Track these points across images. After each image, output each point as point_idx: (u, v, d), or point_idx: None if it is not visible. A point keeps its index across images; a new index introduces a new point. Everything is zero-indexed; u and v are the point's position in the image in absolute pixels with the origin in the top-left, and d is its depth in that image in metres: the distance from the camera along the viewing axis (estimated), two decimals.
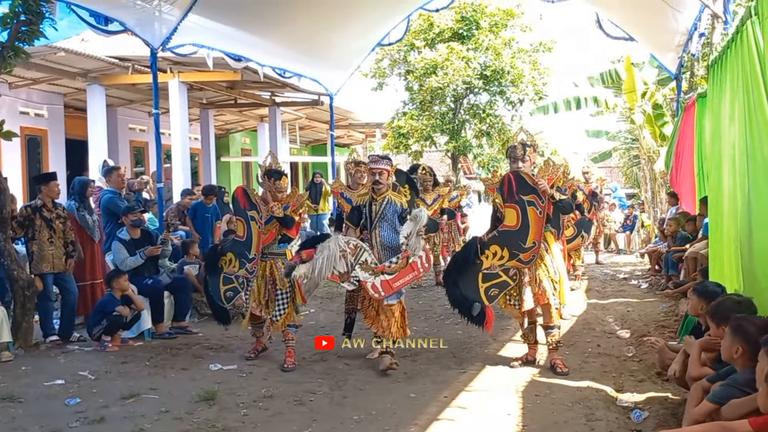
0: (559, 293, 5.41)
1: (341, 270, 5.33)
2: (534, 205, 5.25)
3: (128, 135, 15.44)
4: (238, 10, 9.45)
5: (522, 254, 5.30)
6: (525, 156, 5.40)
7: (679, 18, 9.75)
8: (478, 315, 5.40)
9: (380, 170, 5.61)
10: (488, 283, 5.38)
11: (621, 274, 11.52)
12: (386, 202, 5.63)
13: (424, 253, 5.42)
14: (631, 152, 20.63)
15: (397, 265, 5.40)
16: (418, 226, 5.29)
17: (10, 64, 6.61)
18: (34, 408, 4.74)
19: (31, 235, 6.76)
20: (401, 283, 5.40)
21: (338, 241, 5.34)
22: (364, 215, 5.71)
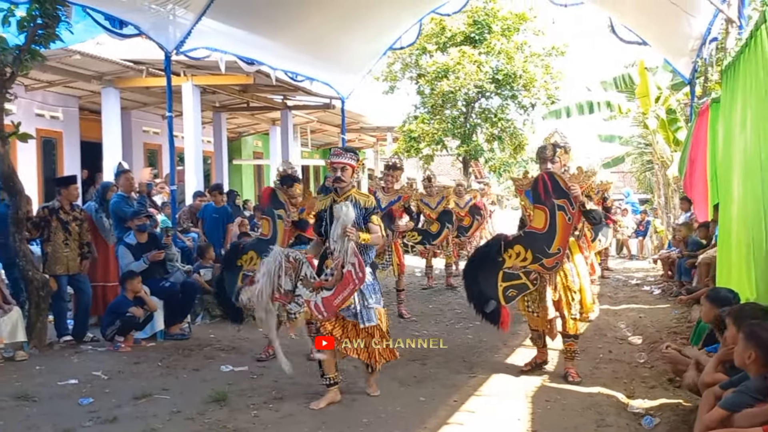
0: (580, 303, 5.28)
1: (287, 288, 4.62)
2: (564, 211, 5.10)
3: (142, 137, 15.55)
4: (251, 13, 9.51)
5: (545, 259, 5.17)
6: (555, 157, 5.24)
7: (693, 22, 9.71)
8: (492, 313, 5.27)
9: (343, 165, 4.77)
10: (507, 283, 5.25)
11: (633, 279, 11.48)
12: (349, 203, 4.77)
13: (356, 260, 4.54)
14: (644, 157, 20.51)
15: (333, 278, 4.60)
16: (340, 224, 4.55)
17: (26, 66, 6.69)
18: (47, 407, 4.79)
19: (46, 236, 6.84)
20: (341, 299, 4.57)
21: (277, 255, 4.67)
22: (324, 222, 4.84)
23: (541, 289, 5.31)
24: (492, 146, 19.71)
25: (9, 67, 6.41)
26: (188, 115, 12.70)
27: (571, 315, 5.29)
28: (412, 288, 10.39)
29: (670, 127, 13.90)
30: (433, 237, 9.98)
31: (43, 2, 6.46)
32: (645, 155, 20.10)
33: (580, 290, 5.28)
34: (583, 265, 5.39)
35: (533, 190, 5.27)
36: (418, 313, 8.32)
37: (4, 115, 6.58)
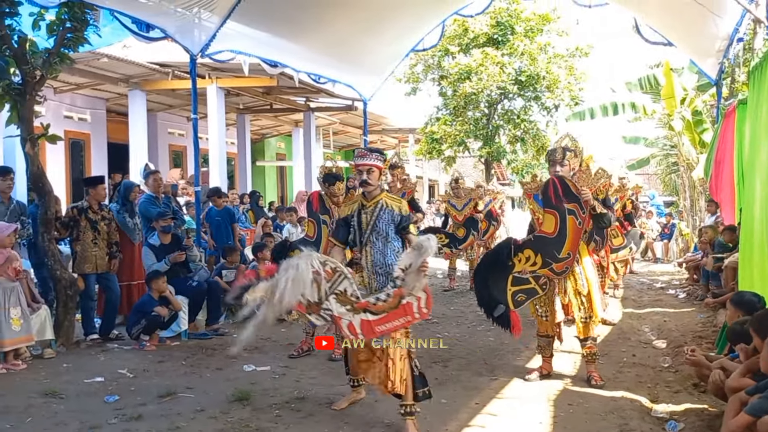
0: (589, 307, 5.26)
1: (310, 299, 3.92)
2: (574, 215, 5.08)
3: (167, 139, 15.76)
4: (275, 16, 9.59)
5: (555, 264, 5.15)
6: (564, 160, 5.21)
7: (719, 23, 9.58)
8: (501, 317, 5.20)
9: (369, 167, 4.36)
10: (517, 288, 5.22)
11: (658, 283, 11.35)
12: (379, 208, 4.38)
13: (424, 294, 4.07)
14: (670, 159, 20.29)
15: (386, 303, 4.05)
16: (422, 259, 3.99)
17: (55, 69, 6.83)
18: (74, 404, 4.88)
19: (75, 235, 6.97)
20: (387, 328, 4.06)
21: (311, 260, 3.90)
22: (352, 229, 4.45)
23: (550, 293, 5.29)
24: (515, 148, 19.64)
25: (39, 70, 6.55)
26: (213, 117, 12.84)
27: (581, 318, 5.27)
28: (434, 290, 10.38)
29: (695, 128, 13.74)
30: (460, 242, 10.04)
31: (72, 6, 6.59)
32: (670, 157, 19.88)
33: (589, 295, 5.25)
34: (591, 269, 5.36)
35: (543, 194, 5.26)
36: (439, 315, 8.32)
37: (34, 117, 6.72)
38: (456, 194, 10.37)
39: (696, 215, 14.43)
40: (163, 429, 4.33)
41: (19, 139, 6.65)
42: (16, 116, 6.55)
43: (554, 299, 5.28)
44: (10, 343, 5.84)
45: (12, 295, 5.98)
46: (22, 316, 5.99)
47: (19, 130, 6.61)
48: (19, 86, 6.47)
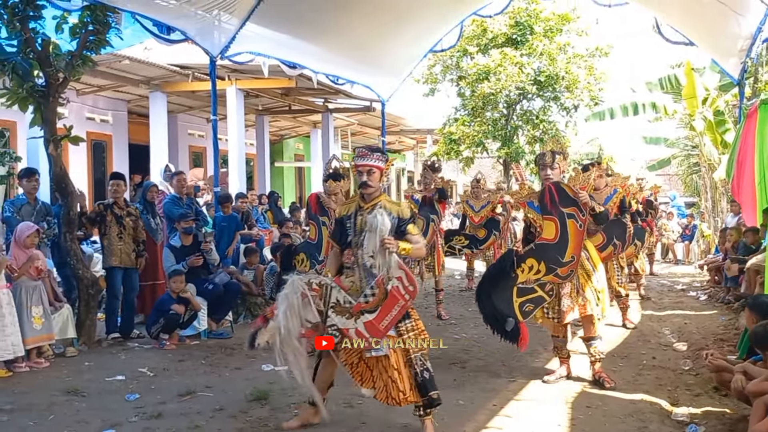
0: (600, 304, 5.27)
1: (312, 320, 3.98)
2: (574, 218, 5.08)
3: (187, 140, 15.89)
4: (293, 18, 9.65)
5: (559, 269, 5.12)
6: (554, 164, 5.23)
7: (742, 22, 9.47)
8: (512, 331, 5.14)
9: (369, 167, 4.14)
10: (523, 298, 5.17)
11: (679, 285, 11.25)
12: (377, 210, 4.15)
13: (402, 272, 3.95)
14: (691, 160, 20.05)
15: (375, 297, 3.98)
16: (376, 237, 3.96)
17: (78, 72, 6.93)
18: (96, 402, 4.94)
19: (102, 230, 7.10)
20: (389, 321, 3.97)
21: (295, 285, 3.94)
22: (348, 230, 4.25)
23: (558, 296, 5.26)
24: (534, 148, 19.49)
25: (62, 72, 6.64)
26: (232, 118, 12.93)
27: (597, 315, 5.27)
28: (451, 290, 10.38)
29: (717, 128, 13.58)
30: (480, 242, 9.97)
31: (95, 9, 6.69)
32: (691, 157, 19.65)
33: (602, 291, 5.27)
34: (602, 270, 5.38)
35: (540, 201, 5.26)
36: (457, 316, 8.31)
37: (57, 119, 6.82)
38: (475, 195, 10.33)
39: (717, 216, 14.26)
40: (183, 427, 4.38)
41: (43, 140, 6.76)
42: (39, 118, 6.66)
43: (562, 300, 5.24)
44: (32, 342, 5.94)
45: (34, 294, 6.07)
46: (43, 314, 6.08)
47: (43, 131, 6.72)
48: (43, 88, 6.57)
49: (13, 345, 5.71)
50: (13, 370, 5.75)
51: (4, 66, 6.36)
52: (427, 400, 4.12)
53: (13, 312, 5.78)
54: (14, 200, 7.00)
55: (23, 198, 6.91)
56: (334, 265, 4.37)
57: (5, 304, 5.71)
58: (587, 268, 5.27)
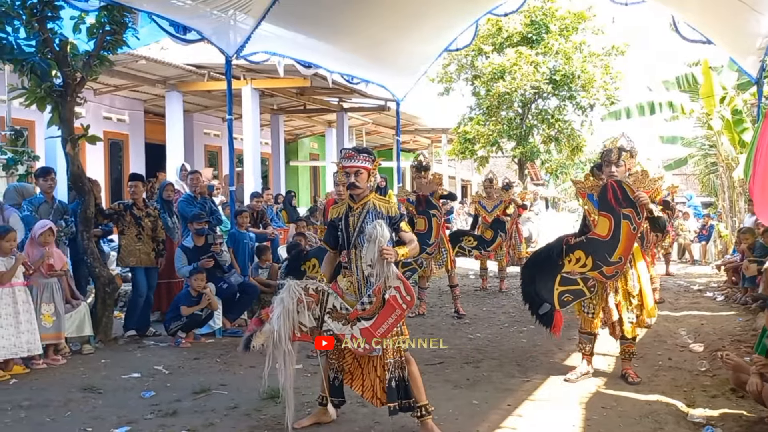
0: (640, 307, 5.22)
1: (308, 325, 4.06)
2: (629, 220, 5.04)
3: (203, 139, 16.00)
4: (309, 18, 9.66)
5: (605, 267, 5.11)
6: (620, 161, 5.16)
7: (761, 20, 9.35)
8: (545, 315, 5.22)
9: (356, 168, 4.14)
10: (564, 288, 5.21)
11: (695, 285, 11.14)
12: (366, 210, 4.17)
13: (400, 282, 3.97)
14: (708, 159, 19.85)
15: (372, 305, 4.00)
16: (376, 247, 3.93)
17: (95, 71, 7.00)
18: (112, 399, 4.99)
19: (120, 230, 7.16)
20: (386, 328, 3.98)
21: (291, 290, 4.03)
22: (340, 232, 4.24)
23: (601, 293, 5.25)
24: (549, 148, 19.42)
25: (79, 72, 6.72)
26: (247, 117, 12.99)
27: (628, 318, 5.24)
28: (466, 290, 10.35)
29: (735, 128, 13.42)
30: (488, 243, 9.95)
31: (112, 10, 6.75)
32: (709, 157, 19.46)
33: (641, 294, 5.21)
34: (645, 272, 5.31)
35: (601, 196, 5.19)
36: (471, 316, 8.29)
37: (75, 118, 6.89)
38: (488, 195, 10.31)
39: (735, 216, 14.11)
40: (198, 425, 4.41)
41: (60, 139, 6.84)
42: (57, 117, 6.73)
43: (607, 298, 5.23)
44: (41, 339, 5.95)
45: (45, 292, 6.13)
46: (54, 313, 6.13)
47: (60, 130, 6.79)
48: (61, 88, 6.65)
49: (30, 342, 5.78)
50: (31, 367, 5.83)
51: (23, 66, 6.44)
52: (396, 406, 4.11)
53: (31, 309, 5.86)
54: (32, 199, 7.08)
55: (41, 197, 6.99)
56: (328, 269, 4.38)
57: (22, 302, 5.78)
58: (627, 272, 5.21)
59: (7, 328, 5.66)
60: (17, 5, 6.34)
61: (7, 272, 5.72)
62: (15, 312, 5.71)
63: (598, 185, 5.31)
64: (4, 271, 5.73)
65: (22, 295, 5.83)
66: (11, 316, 5.69)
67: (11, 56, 6.45)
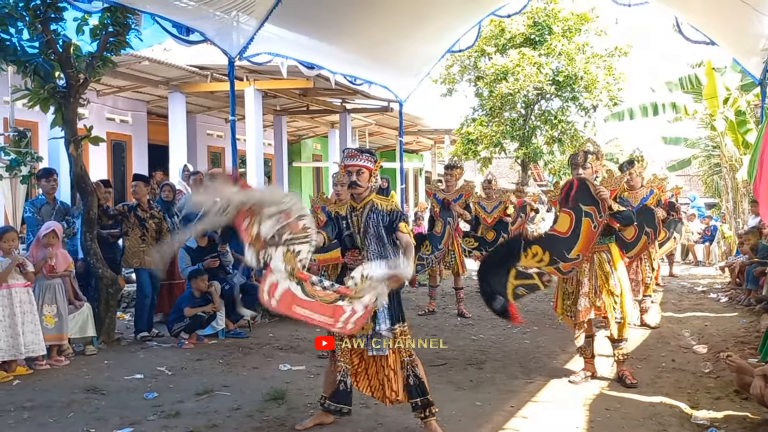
0: (620, 306, 5.26)
1: (260, 227, 3.65)
2: (590, 217, 5.07)
3: (206, 140, 15.99)
4: (312, 19, 9.66)
5: (562, 263, 5.12)
6: (586, 163, 5.28)
7: (764, 21, 9.33)
8: (501, 309, 5.18)
9: (358, 168, 4.19)
10: (519, 282, 5.18)
11: (699, 287, 11.11)
12: (368, 209, 4.22)
13: (362, 311, 3.81)
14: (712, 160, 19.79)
15: (323, 292, 3.80)
16: (388, 275, 3.80)
17: (98, 73, 7.01)
18: (115, 400, 4.99)
19: (125, 231, 7.17)
20: (303, 314, 3.73)
21: (292, 202, 3.76)
22: (342, 230, 4.28)
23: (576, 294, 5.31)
24: (552, 149, 19.38)
25: (82, 73, 6.73)
26: (250, 118, 12.98)
27: (614, 319, 5.28)
28: (468, 291, 10.34)
29: (739, 129, 13.39)
30: (490, 244, 9.90)
31: (115, 11, 6.77)
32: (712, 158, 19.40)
33: (621, 295, 5.26)
34: (624, 273, 5.38)
35: (562, 193, 5.28)
36: (474, 317, 8.29)
37: (78, 119, 6.90)
38: (487, 195, 10.31)
39: (739, 217, 14.07)
40: (201, 426, 4.40)
41: (63, 140, 6.84)
42: (60, 118, 6.74)
43: (579, 299, 5.29)
44: None
45: (47, 293, 6.12)
46: (56, 314, 6.12)
47: (64, 131, 6.80)
48: (64, 89, 6.65)
49: (34, 343, 5.77)
50: (34, 368, 5.84)
51: (26, 67, 6.45)
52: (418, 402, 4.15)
53: (33, 310, 5.85)
54: (34, 200, 7.10)
55: (43, 198, 7.00)
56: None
57: (21, 303, 5.75)
58: (606, 270, 5.28)
59: (4, 329, 5.64)
60: (20, 7, 6.35)
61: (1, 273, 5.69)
62: (12, 314, 5.68)
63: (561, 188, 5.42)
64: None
65: (23, 296, 5.80)
66: (8, 317, 5.67)
67: (14, 57, 6.46)
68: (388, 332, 4.10)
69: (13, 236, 5.89)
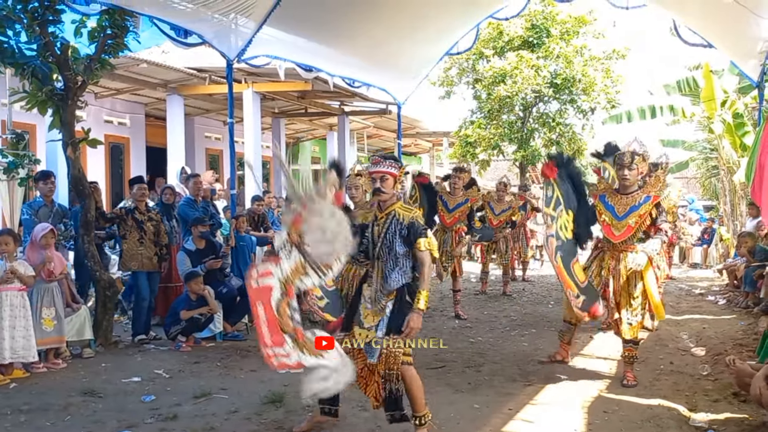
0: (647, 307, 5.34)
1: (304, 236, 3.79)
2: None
3: (204, 143, 15.98)
4: (310, 22, 9.66)
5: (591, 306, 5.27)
6: (633, 164, 5.29)
7: (761, 24, 9.35)
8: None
9: (382, 174, 4.10)
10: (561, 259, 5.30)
11: (697, 289, 11.13)
12: (390, 219, 4.10)
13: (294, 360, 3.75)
14: (710, 163, 19.82)
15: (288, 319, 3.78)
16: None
17: (96, 75, 7.00)
18: (112, 403, 4.98)
19: (122, 234, 7.15)
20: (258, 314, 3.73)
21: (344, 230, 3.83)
22: (365, 239, 4.17)
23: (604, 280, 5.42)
24: (550, 151, 19.40)
25: (80, 75, 6.72)
26: (248, 121, 12.99)
27: (627, 319, 5.31)
28: (467, 293, 10.34)
29: (737, 131, 13.41)
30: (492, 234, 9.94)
31: (113, 14, 6.76)
32: (710, 161, 19.44)
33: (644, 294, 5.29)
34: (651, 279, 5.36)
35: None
36: (472, 320, 8.28)
37: (75, 122, 6.89)
38: (499, 198, 10.32)
39: (737, 220, 14.09)
40: (198, 429, 4.39)
41: (61, 143, 6.83)
42: (58, 121, 6.73)
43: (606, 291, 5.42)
44: (40, 344, 5.94)
45: (46, 296, 6.09)
46: (55, 317, 6.10)
47: (61, 134, 6.79)
48: (62, 92, 6.65)
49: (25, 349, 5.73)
50: (31, 371, 5.82)
51: (24, 70, 6.44)
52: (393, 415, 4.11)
53: (28, 315, 5.81)
54: (32, 203, 7.08)
55: (40, 200, 6.98)
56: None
57: (15, 307, 5.72)
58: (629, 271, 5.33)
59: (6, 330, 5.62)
60: (18, 9, 6.34)
61: None
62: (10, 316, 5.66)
63: (610, 187, 5.47)
64: None
65: (15, 300, 5.74)
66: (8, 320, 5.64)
67: (12, 60, 6.46)
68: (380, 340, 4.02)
69: (7, 240, 5.85)
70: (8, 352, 5.63)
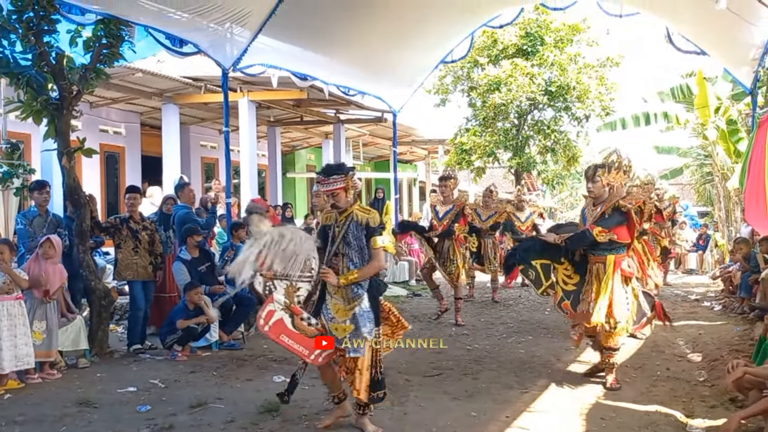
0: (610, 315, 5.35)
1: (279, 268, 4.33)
2: None
3: (200, 152, 15.98)
4: (305, 31, 9.70)
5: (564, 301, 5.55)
6: (595, 177, 5.41)
7: (754, 31, 9.43)
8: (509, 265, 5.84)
9: (332, 192, 4.43)
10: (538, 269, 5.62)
11: (693, 295, 11.14)
12: (349, 221, 4.44)
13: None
14: (704, 169, 19.93)
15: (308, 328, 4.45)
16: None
17: (92, 84, 7.00)
18: (107, 413, 4.95)
19: (117, 243, 7.13)
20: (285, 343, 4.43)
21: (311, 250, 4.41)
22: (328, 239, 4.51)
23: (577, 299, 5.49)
24: (545, 158, 19.48)
25: (75, 85, 6.72)
26: (244, 129, 12.99)
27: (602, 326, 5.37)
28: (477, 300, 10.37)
29: (730, 138, 13.49)
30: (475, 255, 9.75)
31: (108, 23, 6.77)
32: (704, 167, 19.54)
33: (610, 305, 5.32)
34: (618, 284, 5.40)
35: None
36: (469, 327, 8.28)
37: (71, 131, 6.88)
38: (485, 204, 10.32)
39: (732, 226, 14.14)
40: None
41: (56, 152, 6.82)
42: (53, 130, 6.72)
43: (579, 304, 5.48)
44: None
45: (38, 309, 6.01)
46: (45, 330, 6.00)
47: (56, 143, 6.77)
48: (57, 101, 6.64)
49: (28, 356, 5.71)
50: (26, 381, 5.78)
51: (19, 79, 6.44)
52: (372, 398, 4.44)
53: (26, 323, 5.78)
54: (26, 212, 7.04)
55: (35, 210, 6.95)
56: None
57: (13, 316, 5.68)
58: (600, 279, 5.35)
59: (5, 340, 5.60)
60: (13, 19, 6.34)
61: None
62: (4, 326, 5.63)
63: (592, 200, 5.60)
64: None
65: (12, 309, 5.70)
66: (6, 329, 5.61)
67: (7, 69, 6.45)
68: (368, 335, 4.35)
69: (2, 249, 5.82)
70: (7, 362, 5.58)
